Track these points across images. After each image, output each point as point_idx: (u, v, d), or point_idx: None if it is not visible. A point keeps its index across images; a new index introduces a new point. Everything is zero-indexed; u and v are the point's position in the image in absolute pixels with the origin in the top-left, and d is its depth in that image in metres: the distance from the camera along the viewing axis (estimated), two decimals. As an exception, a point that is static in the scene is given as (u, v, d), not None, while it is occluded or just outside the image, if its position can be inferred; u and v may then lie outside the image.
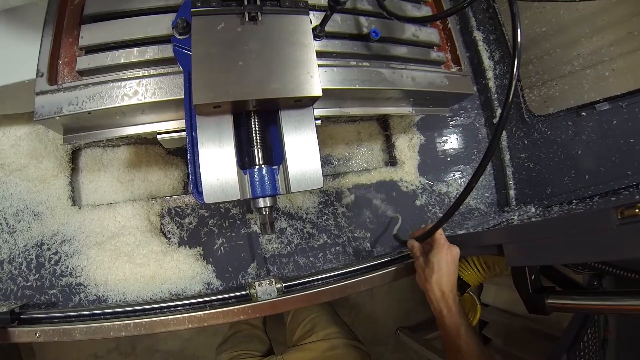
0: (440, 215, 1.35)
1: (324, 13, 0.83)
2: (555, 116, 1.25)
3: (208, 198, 0.62)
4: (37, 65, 0.83)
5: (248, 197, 0.65)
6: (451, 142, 1.49)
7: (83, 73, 0.83)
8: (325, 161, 1.42)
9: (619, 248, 0.57)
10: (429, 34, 1.05)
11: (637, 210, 0.54)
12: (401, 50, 0.99)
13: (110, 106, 0.78)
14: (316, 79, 0.69)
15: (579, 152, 1.19)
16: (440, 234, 0.84)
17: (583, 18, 1.14)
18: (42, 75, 0.81)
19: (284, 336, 1.30)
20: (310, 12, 0.77)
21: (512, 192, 1.42)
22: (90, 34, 0.84)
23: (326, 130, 1.44)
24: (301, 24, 0.75)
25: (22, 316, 0.90)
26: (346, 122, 1.48)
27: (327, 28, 0.86)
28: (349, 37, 0.93)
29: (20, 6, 1.03)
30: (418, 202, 1.38)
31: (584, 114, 1.16)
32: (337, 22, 0.91)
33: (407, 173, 1.39)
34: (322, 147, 0.71)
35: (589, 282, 0.93)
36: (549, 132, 1.28)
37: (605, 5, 1.09)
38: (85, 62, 0.82)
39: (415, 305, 2.16)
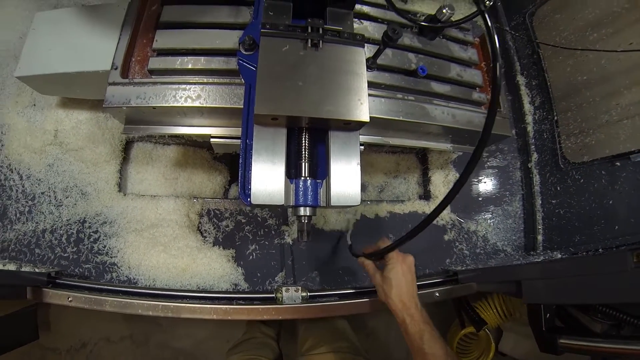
0: (467, 252, 1.41)
1: (378, 47, 0.93)
2: (589, 164, 1.28)
3: (255, 199, 0.71)
4: (113, 59, 0.97)
5: (291, 205, 0.73)
6: (485, 182, 1.55)
7: (153, 72, 0.96)
8: (362, 187, 1.50)
9: (634, 291, 0.60)
10: (472, 75, 1.13)
11: (651, 255, 0.57)
12: (445, 88, 1.07)
13: (174, 105, 0.90)
14: (365, 106, 0.78)
15: (611, 202, 1.20)
16: (393, 254, 0.86)
17: (624, 69, 1.18)
18: (116, 69, 0.95)
19: (295, 352, 1.35)
20: (365, 44, 0.87)
21: (540, 237, 1.44)
22: (164, 39, 0.97)
23: (367, 157, 1.55)
24: (357, 54, 0.85)
25: (57, 281, 1.00)
26: (387, 153, 1.59)
27: (379, 61, 0.96)
28: (397, 71, 1.03)
29: (101, 5, 1.20)
30: (446, 237, 1.43)
31: (618, 163, 1.18)
32: (389, 56, 1.01)
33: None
34: (361, 174, 0.78)
35: (606, 333, 0.93)
36: (582, 180, 1.31)
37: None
38: (156, 62, 0.95)
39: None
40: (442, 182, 1.48)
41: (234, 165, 1.54)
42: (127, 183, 1.30)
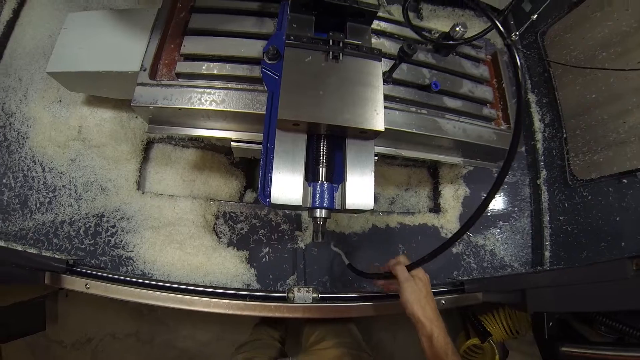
0: (475, 266, 1.45)
1: (394, 61, 1.00)
2: (597, 182, 1.33)
3: (275, 200, 0.77)
4: (142, 61, 1.04)
5: (308, 206, 0.79)
6: (494, 198, 1.58)
7: (180, 75, 1.03)
8: (374, 198, 1.57)
9: (634, 298, 0.64)
10: (483, 91, 1.19)
11: (650, 262, 0.60)
12: (456, 104, 1.13)
13: (199, 107, 0.96)
14: (381, 116, 0.84)
15: (618, 219, 1.24)
16: (401, 271, 0.89)
17: (633, 88, 1.23)
18: (145, 70, 1.02)
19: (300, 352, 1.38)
20: (382, 59, 0.94)
21: (547, 254, 1.48)
22: (191, 44, 1.05)
23: (380, 170, 1.62)
24: (374, 68, 0.91)
25: (74, 268, 1.05)
26: (399, 166, 1.66)
27: (395, 75, 1.03)
28: (412, 85, 1.09)
29: (132, 9, 1.28)
30: (454, 250, 1.48)
31: (625, 181, 1.23)
32: (404, 71, 1.08)
33: (449, 221, 1.51)
34: (374, 184, 0.84)
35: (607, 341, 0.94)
36: (589, 197, 1.36)
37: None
38: (184, 66, 1.02)
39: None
40: (452, 196, 1.53)
41: (250, 171, 1.61)
42: (146, 182, 1.37)
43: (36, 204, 1.25)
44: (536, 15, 1.26)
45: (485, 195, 0.71)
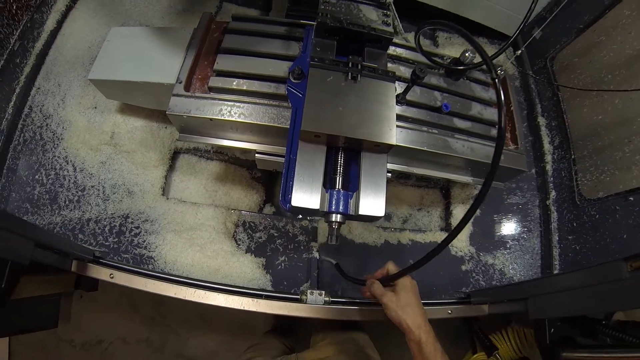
0: (483, 283, 1.52)
1: (407, 84, 1.12)
2: (604, 200, 1.39)
3: (295, 202, 0.87)
4: (179, 74, 1.17)
5: (325, 210, 0.89)
6: (504, 218, 1.67)
7: (212, 89, 1.16)
8: (387, 217, 1.70)
9: (630, 299, 0.68)
10: (492, 113, 1.29)
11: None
12: (466, 124, 1.24)
13: (228, 119, 1.09)
14: (393, 132, 0.95)
15: (625, 236, 1.30)
16: (376, 289, 0.96)
17: (635, 105, 1.31)
18: (180, 82, 1.15)
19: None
20: (396, 81, 1.06)
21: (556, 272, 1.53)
22: (224, 62, 1.18)
23: (394, 189, 1.73)
24: (388, 89, 1.03)
25: (100, 260, 1.16)
26: (412, 186, 1.77)
27: (408, 97, 1.15)
28: (424, 107, 1.20)
29: (170, 27, 1.44)
30: (464, 267, 1.55)
31: (631, 198, 1.29)
32: (417, 93, 1.20)
33: (459, 240, 1.59)
34: (387, 205, 0.93)
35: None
36: (597, 216, 1.42)
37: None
38: (217, 81, 1.16)
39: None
40: (463, 215, 1.61)
41: (270, 187, 1.73)
42: (171, 189, 1.50)
43: (65, 201, 1.37)
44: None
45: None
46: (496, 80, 0.76)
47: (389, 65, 1.18)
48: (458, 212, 1.62)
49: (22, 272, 0.97)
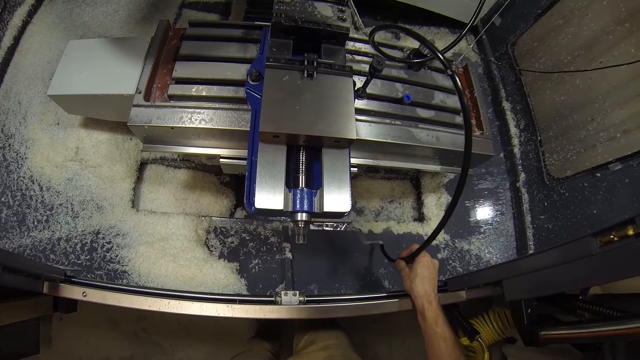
0: (460, 270, 1.55)
1: (367, 78, 1.13)
2: (572, 178, 1.45)
3: (259, 204, 0.87)
4: (137, 84, 1.17)
5: (289, 210, 0.90)
6: (476, 203, 1.72)
7: (172, 97, 1.16)
8: (359, 211, 1.71)
9: (601, 273, 0.70)
10: (455, 101, 1.32)
11: (612, 237, 0.67)
12: (429, 114, 1.26)
13: (190, 126, 1.09)
14: (353, 126, 0.97)
15: (595, 211, 1.35)
16: (398, 264, 1.12)
17: (598, 87, 1.36)
18: (140, 93, 1.15)
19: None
20: (355, 75, 1.08)
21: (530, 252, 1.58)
22: (182, 69, 1.18)
23: (364, 183, 1.74)
24: (346, 83, 1.05)
25: (72, 279, 1.13)
26: (382, 179, 1.78)
27: (369, 90, 1.16)
28: (386, 99, 1.23)
29: (128, 37, 1.43)
30: (440, 256, 1.58)
31: (598, 174, 1.34)
32: (377, 86, 1.22)
33: (433, 229, 1.60)
34: (358, 199, 0.96)
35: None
36: (566, 194, 1.47)
37: (611, 71, 1.28)
38: (176, 89, 1.15)
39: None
40: (435, 204, 1.65)
41: (240, 190, 1.72)
42: (140, 200, 1.49)
43: (34, 222, 1.35)
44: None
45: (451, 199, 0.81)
46: (453, 74, 0.78)
47: (350, 60, 1.20)
48: (430, 201, 1.65)
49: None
